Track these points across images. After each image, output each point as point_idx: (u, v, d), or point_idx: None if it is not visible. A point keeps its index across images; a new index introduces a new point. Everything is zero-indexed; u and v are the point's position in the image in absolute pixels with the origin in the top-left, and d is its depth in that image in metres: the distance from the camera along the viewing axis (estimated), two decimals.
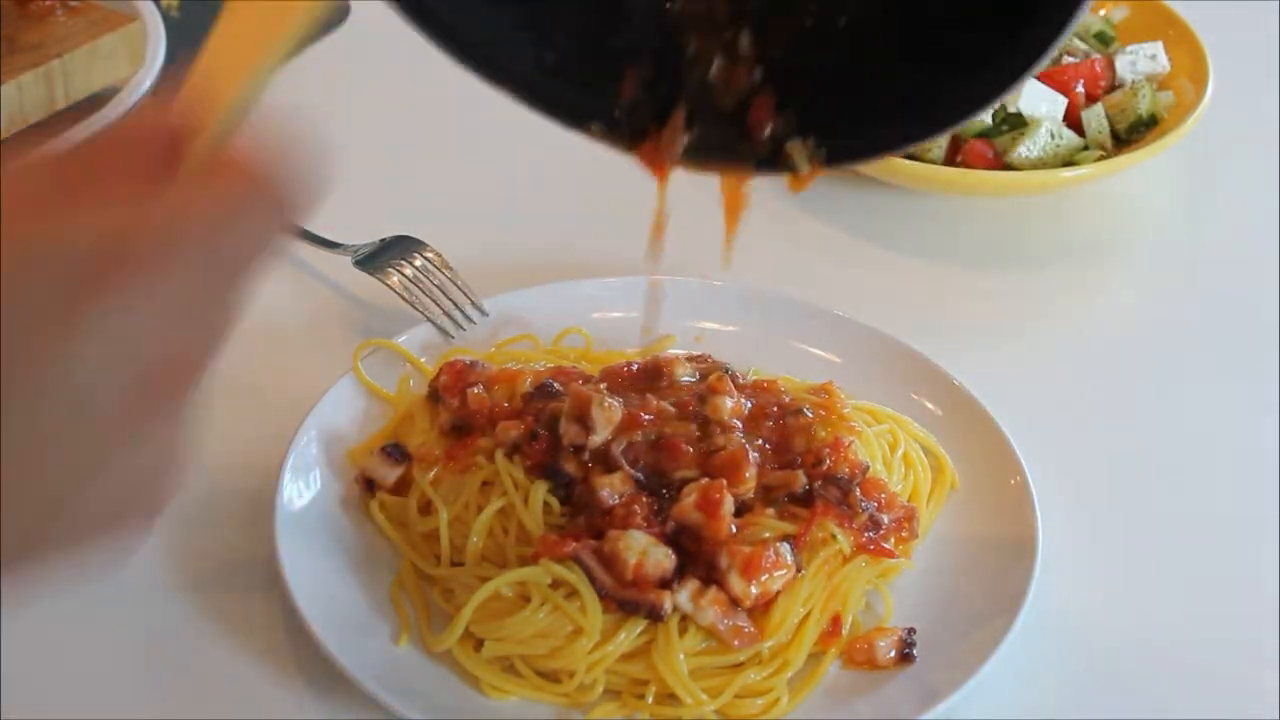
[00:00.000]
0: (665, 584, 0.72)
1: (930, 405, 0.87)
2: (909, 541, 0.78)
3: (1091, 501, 0.85)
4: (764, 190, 1.08)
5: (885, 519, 0.77)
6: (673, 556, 0.73)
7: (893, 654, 0.74)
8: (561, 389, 0.80)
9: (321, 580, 0.75)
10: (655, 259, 0.65)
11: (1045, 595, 0.76)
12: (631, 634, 0.72)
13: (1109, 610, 0.79)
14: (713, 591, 0.72)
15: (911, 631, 0.74)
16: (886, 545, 0.77)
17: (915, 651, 0.74)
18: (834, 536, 0.75)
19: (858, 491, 0.77)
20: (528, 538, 0.76)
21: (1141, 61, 1.10)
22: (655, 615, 0.72)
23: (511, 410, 0.80)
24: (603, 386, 0.80)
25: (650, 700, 0.71)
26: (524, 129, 0.65)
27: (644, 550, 0.72)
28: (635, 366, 0.83)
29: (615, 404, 0.77)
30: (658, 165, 0.61)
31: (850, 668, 0.74)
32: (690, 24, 0.61)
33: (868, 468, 0.78)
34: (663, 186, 0.62)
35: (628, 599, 0.72)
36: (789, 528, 0.75)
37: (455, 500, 0.77)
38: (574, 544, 0.73)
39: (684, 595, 0.72)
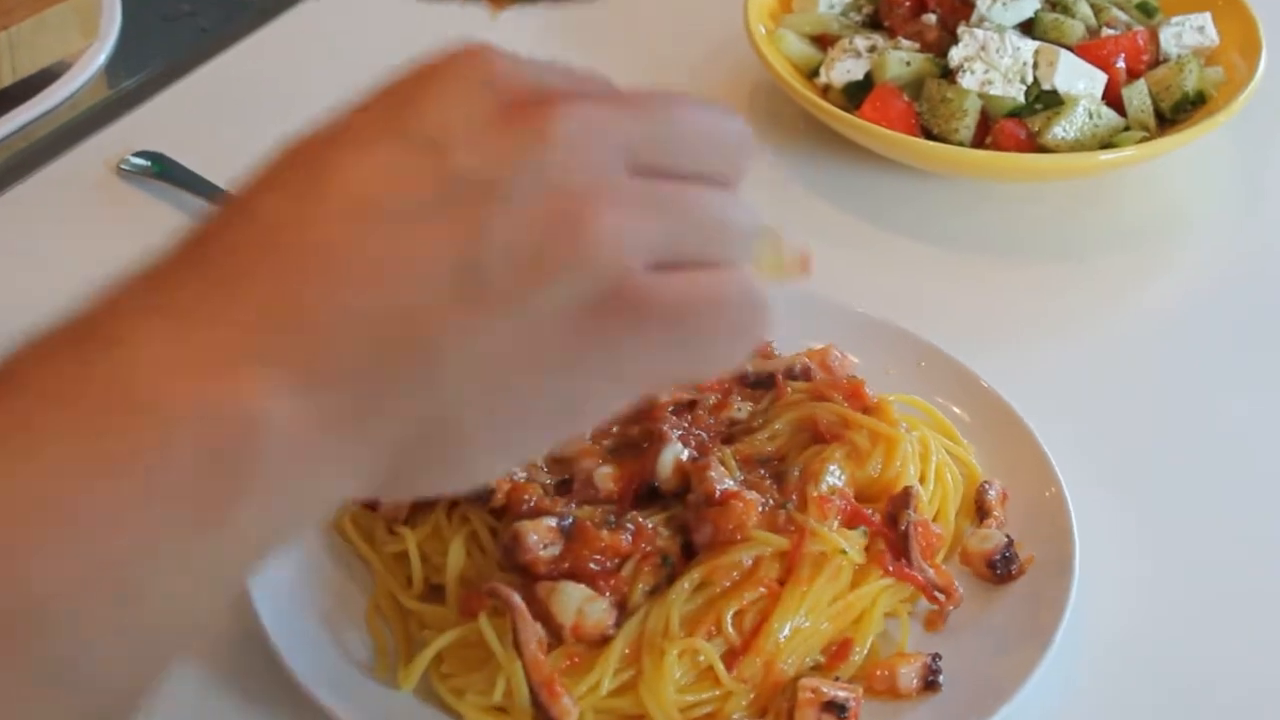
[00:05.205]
0: (605, 640, 0.68)
1: (957, 410, 0.83)
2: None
3: (1134, 515, 0.82)
4: (776, 175, 1.03)
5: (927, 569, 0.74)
6: (613, 612, 0.68)
7: (916, 682, 0.71)
8: None
9: (295, 605, 0.72)
10: None
11: (1083, 617, 0.73)
12: (613, 675, 0.68)
13: (1153, 635, 0.76)
14: None
15: (936, 658, 0.71)
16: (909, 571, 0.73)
17: (941, 679, 0.70)
18: (843, 551, 0.71)
19: (918, 554, 0.73)
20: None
21: (1188, 34, 1.07)
22: None
23: None
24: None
25: None
26: None
27: (580, 608, 0.68)
28: None
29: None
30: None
31: (870, 698, 0.70)
32: None
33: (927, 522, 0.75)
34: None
35: (536, 692, 0.67)
36: (782, 543, 0.71)
37: (424, 523, 0.74)
38: (497, 594, 0.68)
39: None
